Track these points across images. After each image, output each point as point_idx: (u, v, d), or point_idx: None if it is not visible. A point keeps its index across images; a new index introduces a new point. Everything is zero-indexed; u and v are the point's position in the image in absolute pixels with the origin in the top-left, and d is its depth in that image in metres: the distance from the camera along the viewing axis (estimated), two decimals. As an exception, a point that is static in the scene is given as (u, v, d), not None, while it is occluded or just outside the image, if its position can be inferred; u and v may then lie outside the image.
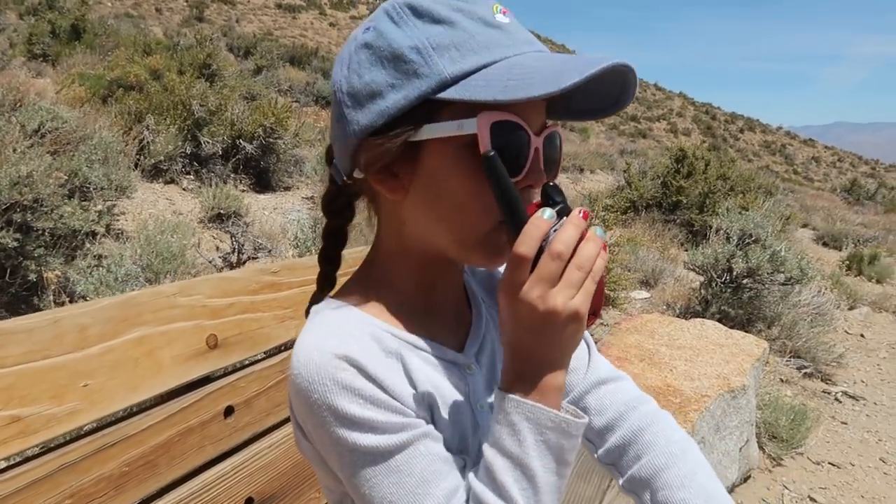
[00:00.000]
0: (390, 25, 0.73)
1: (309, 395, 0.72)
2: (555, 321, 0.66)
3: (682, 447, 0.90)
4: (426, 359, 0.81)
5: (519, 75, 0.68)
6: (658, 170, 10.34)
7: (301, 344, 0.76)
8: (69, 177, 4.22)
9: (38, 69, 11.79)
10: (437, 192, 0.75)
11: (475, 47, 0.71)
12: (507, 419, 0.70)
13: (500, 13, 0.74)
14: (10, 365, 0.91)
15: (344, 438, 0.71)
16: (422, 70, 0.70)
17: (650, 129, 74.37)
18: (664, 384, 2.92)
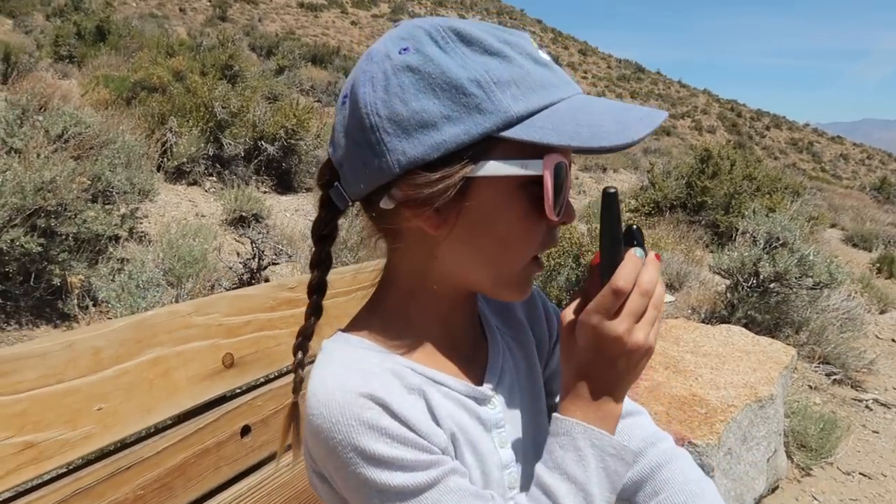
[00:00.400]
0: (436, 50, 0.69)
1: (332, 436, 0.69)
2: (635, 355, 0.70)
3: (701, 486, 0.88)
4: (447, 394, 0.79)
5: (586, 122, 0.69)
6: (682, 170, 10.20)
7: (320, 383, 0.73)
8: (92, 181, 4.27)
9: (64, 70, 11.98)
10: (484, 229, 0.73)
11: (533, 86, 0.70)
12: (572, 444, 0.71)
13: (541, 49, 0.75)
14: (24, 390, 0.90)
15: (372, 479, 0.69)
16: (485, 105, 0.68)
17: (674, 126, 73.65)
18: (689, 393, 2.86)
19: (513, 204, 0.72)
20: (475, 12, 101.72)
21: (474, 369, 0.86)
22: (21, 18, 21.47)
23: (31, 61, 10.28)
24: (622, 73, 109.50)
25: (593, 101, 0.74)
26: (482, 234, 0.74)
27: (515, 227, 0.73)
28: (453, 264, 0.77)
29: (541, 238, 0.76)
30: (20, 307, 3.66)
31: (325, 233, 0.82)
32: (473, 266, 0.77)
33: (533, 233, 0.74)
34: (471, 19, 0.79)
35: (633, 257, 0.69)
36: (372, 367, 0.74)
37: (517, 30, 0.75)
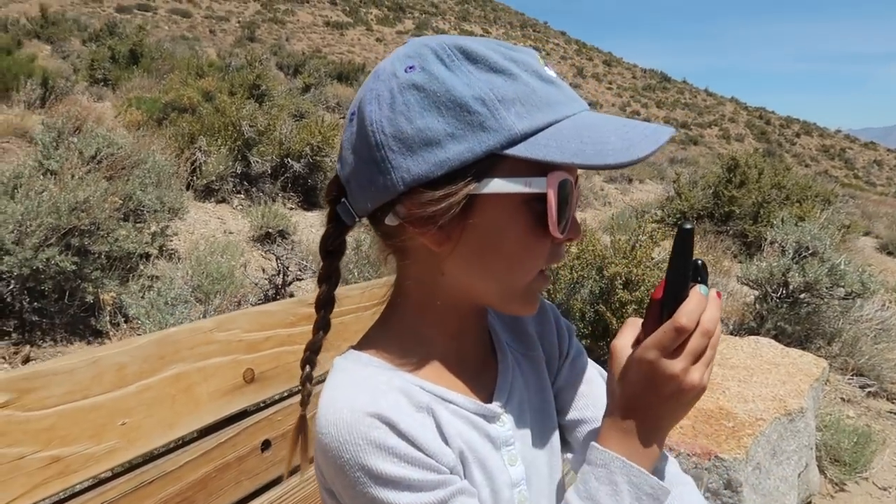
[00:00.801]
0: (441, 68, 0.70)
1: (340, 455, 0.70)
2: (688, 395, 0.69)
3: None
4: (455, 412, 0.79)
5: (591, 140, 0.69)
6: (709, 179, 10.10)
7: (328, 402, 0.74)
8: (124, 200, 4.38)
9: (99, 93, 12.31)
10: (488, 246, 0.74)
11: (538, 103, 0.71)
12: (609, 478, 0.71)
13: (547, 66, 0.75)
14: (52, 406, 0.93)
15: (379, 499, 0.69)
16: (489, 123, 0.68)
17: (701, 135, 72.88)
18: (716, 407, 2.82)
19: (517, 220, 0.72)
20: (499, 26, 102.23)
21: (484, 386, 0.86)
22: (59, 44, 22.15)
23: (68, 85, 10.59)
24: (647, 83, 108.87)
25: (599, 118, 0.74)
26: (487, 250, 0.74)
27: (520, 244, 0.73)
28: (460, 280, 0.78)
29: (546, 254, 0.76)
30: (55, 324, 3.76)
31: (332, 248, 0.83)
32: (480, 282, 0.77)
33: (538, 249, 0.75)
34: (485, 36, 0.80)
35: (697, 294, 0.69)
36: (380, 385, 0.75)
37: (525, 47, 0.76)
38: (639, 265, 3.95)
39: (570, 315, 3.85)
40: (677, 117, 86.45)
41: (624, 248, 4.08)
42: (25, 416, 0.90)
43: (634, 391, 0.71)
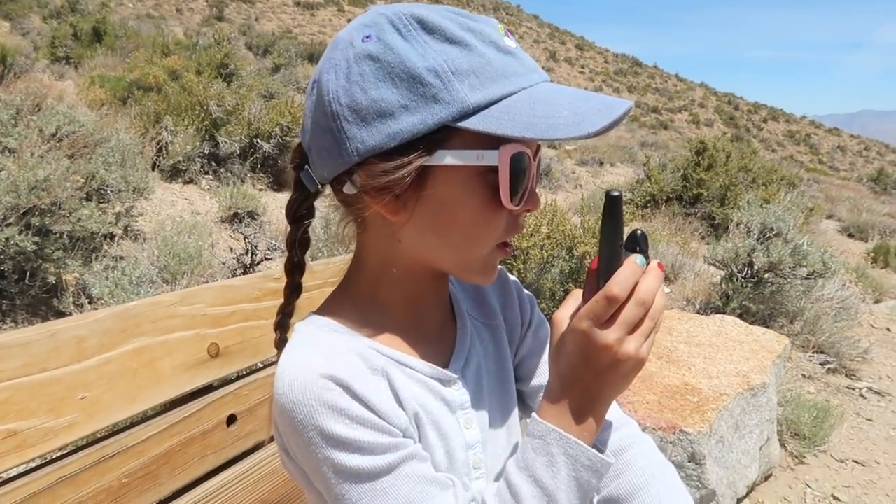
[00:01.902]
0: (397, 38, 0.70)
1: (294, 415, 0.71)
2: (624, 366, 0.68)
3: (663, 470, 0.88)
4: (412, 375, 0.80)
5: (543, 113, 0.68)
6: (678, 162, 10.21)
7: (285, 363, 0.75)
8: (87, 180, 4.27)
9: (60, 72, 11.96)
10: (443, 216, 0.74)
11: (493, 75, 0.70)
12: (545, 449, 0.71)
13: (507, 36, 0.74)
14: (7, 379, 0.91)
15: (329, 459, 0.70)
16: (441, 95, 0.68)
17: (671, 120, 73.61)
18: (682, 383, 2.88)
19: (472, 192, 0.73)
20: (472, 8, 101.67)
21: (441, 352, 0.87)
22: (18, 20, 21.43)
23: (28, 63, 10.27)
24: (619, 68, 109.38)
25: (555, 90, 0.73)
26: (442, 220, 0.74)
27: (475, 215, 0.74)
28: (416, 249, 0.78)
29: (503, 226, 0.76)
30: (16, 305, 3.67)
31: (300, 213, 0.84)
32: (436, 251, 0.78)
33: (493, 220, 0.75)
34: (442, 6, 0.79)
35: (632, 264, 0.67)
36: (337, 347, 0.76)
37: (485, 16, 0.75)
38: (608, 245, 3.99)
39: (540, 294, 3.88)
40: (648, 102, 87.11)
41: (593, 229, 4.11)
42: (-21, 388, 0.88)
43: (570, 362, 0.70)
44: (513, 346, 0.98)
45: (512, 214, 0.76)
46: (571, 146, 17.51)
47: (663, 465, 0.88)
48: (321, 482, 0.73)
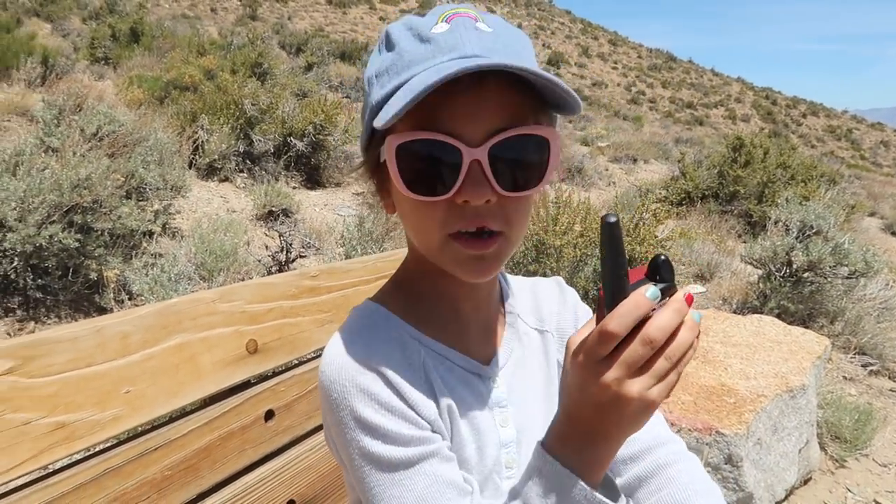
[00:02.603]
0: (374, 53, 0.78)
1: (329, 393, 0.76)
2: (625, 407, 0.60)
3: (707, 487, 0.85)
4: (451, 368, 0.82)
5: (399, 98, 0.68)
6: (714, 159, 10.04)
7: (330, 344, 0.79)
8: (126, 178, 4.37)
9: (99, 72, 12.24)
10: (399, 212, 0.80)
11: (399, 68, 0.72)
12: (540, 480, 0.67)
13: (444, 22, 0.72)
14: (56, 373, 0.93)
15: (356, 441, 0.73)
16: (369, 99, 0.76)
17: (707, 116, 72.40)
18: (718, 383, 2.83)
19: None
20: (503, 5, 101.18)
21: (484, 349, 0.87)
22: (59, 22, 21.96)
23: (69, 64, 10.51)
24: (653, 63, 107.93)
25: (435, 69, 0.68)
26: (401, 216, 0.80)
27: (408, 207, 0.76)
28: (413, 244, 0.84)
29: (440, 216, 0.73)
30: (59, 301, 3.77)
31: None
32: (416, 245, 0.82)
33: (425, 211, 0.73)
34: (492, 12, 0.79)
35: (637, 297, 0.58)
36: (378, 334, 0.79)
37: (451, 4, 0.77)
38: (642, 243, 3.94)
39: (572, 293, 3.85)
40: (683, 97, 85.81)
41: (627, 227, 4.07)
42: (30, 382, 0.90)
43: (571, 394, 0.65)
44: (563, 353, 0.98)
45: (448, 205, 0.72)
46: (604, 143, 17.34)
47: (707, 484, 0.86)
48: (348, 460, 0.76)
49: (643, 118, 37.33)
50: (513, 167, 0.71)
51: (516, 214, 0.74)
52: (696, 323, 0.60)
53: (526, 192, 0.73)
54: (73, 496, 0.95)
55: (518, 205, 0.74)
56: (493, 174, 0.70)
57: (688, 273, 5.91)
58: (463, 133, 0.69)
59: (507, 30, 0.75)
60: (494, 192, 0.70)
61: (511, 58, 0.68)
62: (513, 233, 0.75)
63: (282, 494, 1.28)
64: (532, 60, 0.75)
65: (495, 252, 0.75)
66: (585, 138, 17.57)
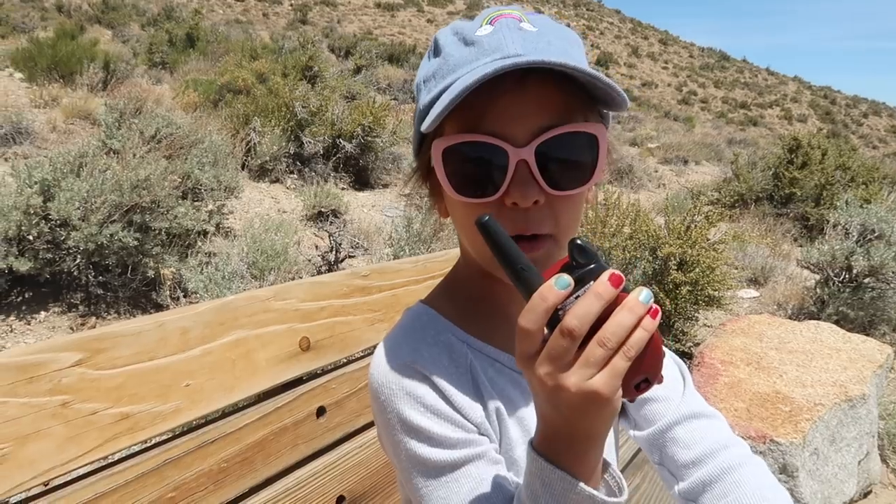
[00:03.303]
0: (424, 60, 0.78)
1: (377, 395, 0.77)
2: (569, 401, 0.56)
3: (775, 493, 0.82)
4: (500, 370, 0.82)
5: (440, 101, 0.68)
6: (769, 160, 9.76)
7: (380, 347, 0.81)
8: (182, 179, 4.50)
9: (157, 76, 12.64)
10: (451, 216, 0.79)
11: (445, 73, 0.72)
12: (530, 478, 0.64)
13: (489, 24, 0.72)
14: (121, 366, 0.97)
15: (403, 443, 0.74)
16: (417, 105, 0.77)
17: (761, 116, 70.44)
18: (773, 391, 2.76)
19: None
20: (551, 5, 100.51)
21: None
22: (119, 28, 22.80)
23: (128, 68, 10.90)
24: (705, 62, 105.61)
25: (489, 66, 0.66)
26: (452, 219, 0.79)
27: (458, 212, 0.76)
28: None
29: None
30: (118, 297, 3.91)
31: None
32: (467, 247, 0.82)
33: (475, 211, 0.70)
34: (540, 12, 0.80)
35: (543, 291, 0.54)
36: (427, 337, 0.80)
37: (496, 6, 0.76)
38: (693, 245, 3.86)
39: (621, 296, 3.80)
40: (736, 97, 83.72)
41: (678, 229, 3.99)
42: (97, 374, 0.94)
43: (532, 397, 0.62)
44: None
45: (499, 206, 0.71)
46: (654, 144, 17.05)
47: (776, 489, 0.83)
48: (396, 460, 0.78)
49: (694, 119, 36.59)
50: (561, 166, 0.70)
51: (566, 215, 0.73)
52: (642, 303, 0.54)
53: (575, 191, 0.72)
54: (137, 485, 0.98)
55: (568, 204, 0.73)
56: (541, 174, 0.69)
57: (741, 277, 5.77)
58: (508, 133, 0.68)
59: (552, 28, 0.73)
60: (542, 192, 0.69)
61: (554, 55, 0.66)
62: (562, 235, 0.74)
63: (332, 490, 1.31)
64: (580, 57, 0.74)
65: (545, 255, 0.73)
66: (635, 139, 17.31)
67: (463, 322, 0.83)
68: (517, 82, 0.67)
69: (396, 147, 8.54)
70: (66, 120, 7.06)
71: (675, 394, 0.92)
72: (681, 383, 0.94)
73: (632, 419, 0.95)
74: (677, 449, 0.88)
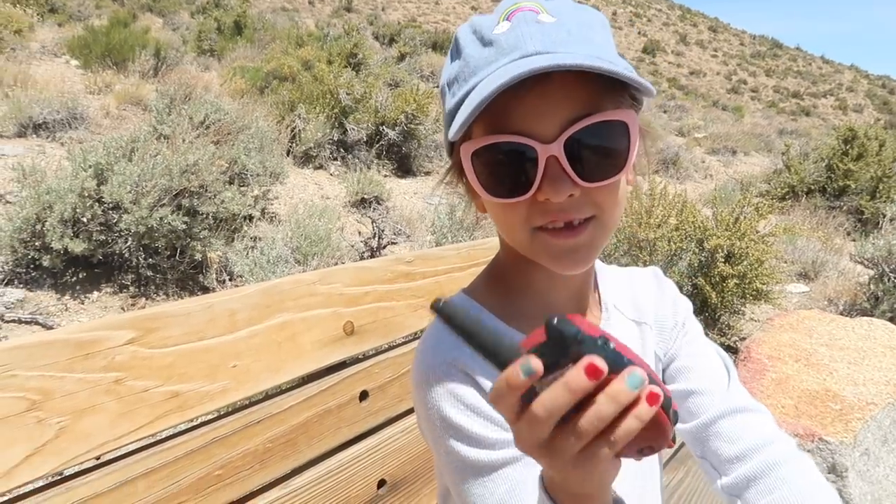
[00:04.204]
0: (447, 60, 0.78)
1: (418, 391, 0.78)
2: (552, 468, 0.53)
3: (822, 492, 0.79)
4: None
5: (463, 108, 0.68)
6: (823, 151, 9.45)
7: (422, 340, 0.81)
8: (229, 164, 4.58)
9: (205, 63, 12.87)
10: (488, 211, 0.79)
11: (466, 76, 0.72)
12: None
13: (506, 20, 0.71)
14: (171, 345, 0.99)
15: (443, 439, 0.75)
16: (444, 109, 0.77)
17: (814, 106, 68.21)
18: (822, 388, 2.68)
19: None
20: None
21: None
22: (170, 17, 23.26)
23: (178, 56, 11.12)
24: (756, 50, 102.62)
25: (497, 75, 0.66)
26: (489, 214, 0.79)
27: (493, 207, 0.76)
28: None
29: (524, 213, 0.72)
30: (167, 279, 4.01)
31: None
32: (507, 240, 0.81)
33: (508, 209, 0.72)
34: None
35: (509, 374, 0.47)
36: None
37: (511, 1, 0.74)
38: (742, 238, 3.77)
39: (665, 288, 3.74)
40: (788, 86, 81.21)
41: (727, 221, 3.90)
42: (149, 352, 0.96)
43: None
44: (662, 346, 0.95)
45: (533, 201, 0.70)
46: (701, 134, 16.68)
47: (823, 487, 0.81)
48: (436, 453, 0.79)
49: (744, 108, 35.64)
50: (591, 157, 0.68)
51: (605, 199, 0.72)
52: (629, 391, 0.46)
53: (609, 181, 0.70)
54: (186, 461, 1.01)
55: (604, 191, 0.71)
56: (572, 167, 0.67)
57: (790, 271, 5.61)
58: (535, 130, 0.67)
59: (572, 15, 0.71)
60: (576, 186, 0.68)
61: (575, 46, 0.67)
62: (605, 215, 0.72)
63: (374, 473, 1.32)
64: (603, 41, 0.72)
65: (588, 240, 0.72)
66: (681, 129, 16.96)
67: (504, 314, 0.82)
68: (539, 78, 0.65)
69: (439, 135, 8.53)
70: (119, 106, 7.25)
71: (719, 387, 0.90)
72: (725, 376, 0.92)
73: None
74: (721, 443, 0.86)
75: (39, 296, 3.68)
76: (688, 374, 0.92)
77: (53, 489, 0.88)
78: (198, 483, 1.02)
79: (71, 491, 0.89)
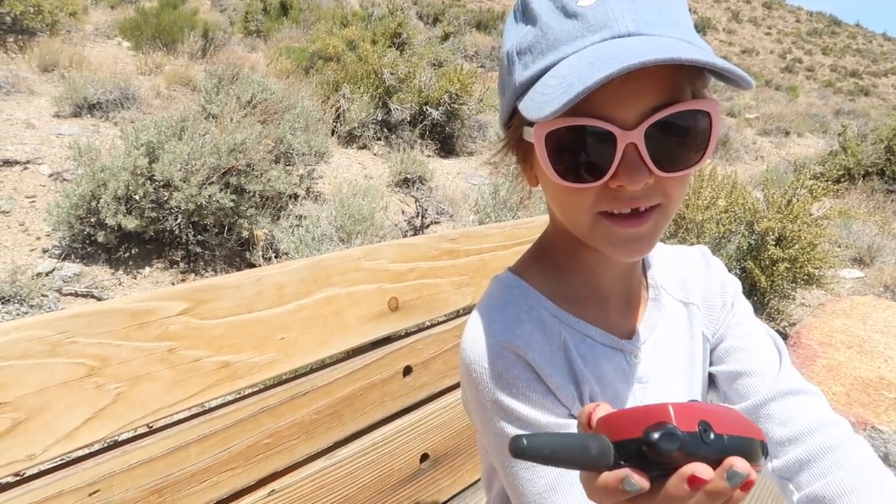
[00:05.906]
0: (510, 22, 0.73)
1: (469, 372, 0.76)
2: None
3: (880, 475, 0.76)
4: (591, 345, 0.80)
5: (552, 87, 0.63)
6: (882, 132, 9.08)
7: (472, 320, 0.79)
8: (275, 143, 4.64)
9: (252, 44, 13.01)
10: (544, 188, 0.76)
11: (544, 48, 0.67)
12: None
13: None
14: (222, 316, 1.02)
15: (493, 421, 0.75)
16: (511, 77, 0.71)
17: (874, 85, 65.45)
18: (877, 376, 2.60)
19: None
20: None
21: (626, 324, 0.85)
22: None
23: (225, 37, 11.26)
24: (813, 28, 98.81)
25: (589, 53, 0.63)
26: (546, 192, 0.77)
27: (557, 188, 0.71)
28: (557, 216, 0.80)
29: (591, 199, 0.69)
30: (216, 256, 4.11)
31: None
32: (561, 219, 0.78)
33: (574, 193, 0.69)
34: None
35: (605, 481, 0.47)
36: (520, 313, 0.78)
37: None
38: (794, 220, 3.66)
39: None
40: (846, 65, 78.11)
41: (778, 203, 3.79)
42: (200, 323, 0.99)
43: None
44: (710, 327, 0.92)
45: (604, 187, 0.68)
46: (752, 114, 16.19)
47: (879, 470, 0.78)
48: (483, 437, 0.79)
49: (798, 88, 34.47)
50: (671, 147, 0.66)
51: (675, 189, 0.70)
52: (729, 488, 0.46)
53: (687, 171, 0.68)
54: (236, 429, 1.04)
55: (677, 181, 0.69)
56: (651, 156, 0.65)
57: (844, 256, 5.43)
58: (616, 115, 0.64)
59: None
60: (652, 175, 0.66)
61: (666, 27, 0.63)
62: (672, 204, 0.71)
63: (416, 447, 1.34)
64: (688, 20, 0.68)
65: (651, 228, 0.70)
66: (732, 109, 16.49)
67: (553, 294, 0.81)
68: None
69: (483, 115, 8.48)
70: (169, 86, 7.40)
71: (771, 368, 0.88)
72: (776, 358, 0.89)
73: (722, 393, 0.92)
74: (772, 425, 0.83)
75: (95, 270, 3.81)
76: (737, 355, 0.90)
77: (111, 451, 0.91)
78: (247, 451, 1.05)
79: (127, 454, 0.92)
